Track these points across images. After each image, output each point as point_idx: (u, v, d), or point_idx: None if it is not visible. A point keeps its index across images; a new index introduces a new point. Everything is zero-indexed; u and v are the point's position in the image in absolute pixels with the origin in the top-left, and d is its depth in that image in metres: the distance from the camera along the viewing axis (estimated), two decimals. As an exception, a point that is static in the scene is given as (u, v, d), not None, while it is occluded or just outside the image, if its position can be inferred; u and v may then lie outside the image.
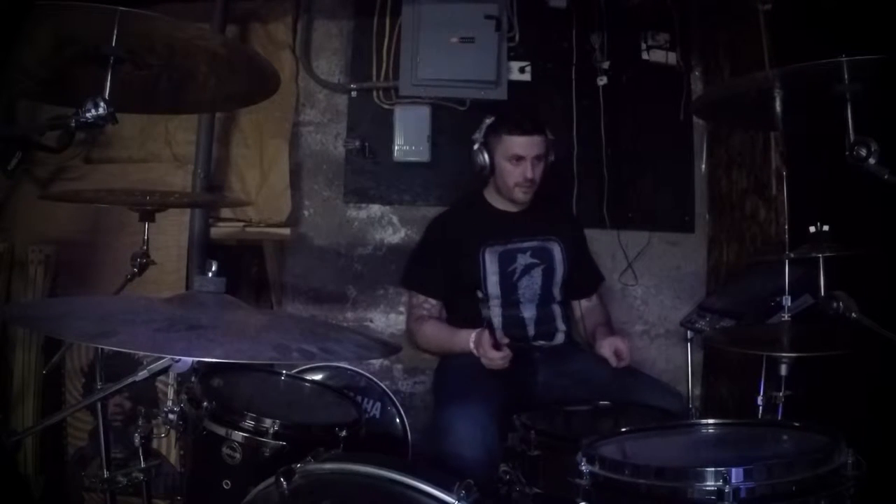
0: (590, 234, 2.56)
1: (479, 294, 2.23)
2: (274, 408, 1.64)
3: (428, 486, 1.17)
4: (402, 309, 2.84)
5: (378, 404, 2.24)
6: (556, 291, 2.29)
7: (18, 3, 1.12)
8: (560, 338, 2.28)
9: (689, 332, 2.40)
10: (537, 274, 2.27)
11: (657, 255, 2.96)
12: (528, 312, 2.25)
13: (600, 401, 1.89)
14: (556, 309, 2.29)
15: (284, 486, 1.17)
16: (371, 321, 2.85)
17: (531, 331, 2.25)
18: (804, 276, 1.93)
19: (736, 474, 1.10)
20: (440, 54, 2.67)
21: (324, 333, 1.24)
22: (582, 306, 2.36)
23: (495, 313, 2.24)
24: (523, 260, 2.25)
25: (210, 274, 1.22)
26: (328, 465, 1.26)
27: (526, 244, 2.27)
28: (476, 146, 2.26)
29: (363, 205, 2.87)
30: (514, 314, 2.24)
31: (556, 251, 2.30)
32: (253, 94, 1.58)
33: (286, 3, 2.78)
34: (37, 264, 2.48)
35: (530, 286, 2.26)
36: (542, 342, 2.25)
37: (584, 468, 1.24)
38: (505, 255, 2.24)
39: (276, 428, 1.51)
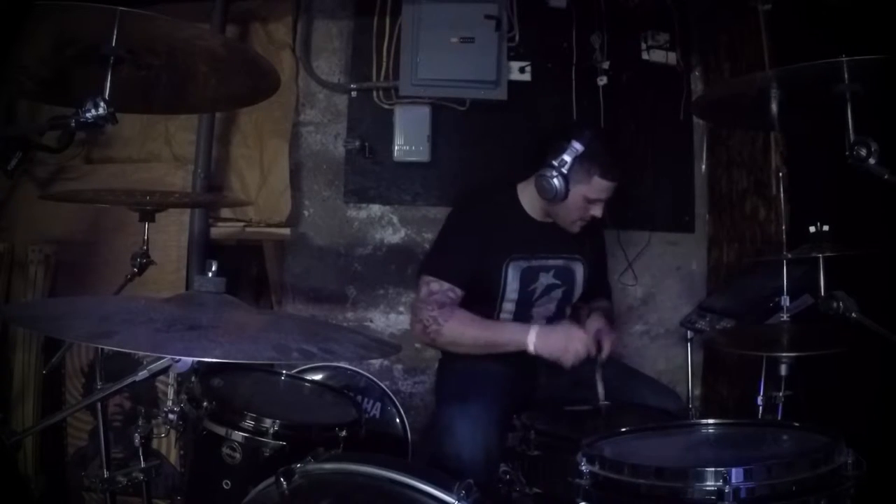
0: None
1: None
2: (274, 408, 1.64)
3: (428, 486, 1.18)
4: (402, 309, 2.84)
5: (378, 404, 2.24)
6: (568, 310, 2.23)
7: (18, 3, 1.12)
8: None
9: (689, 332, 2.40)
10: (556, 296, 2.18)
11: (657, 255, 2.95)
12: None
13: (600, 401, 1.90)
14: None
15: (284, 486, 1.18)
16: (371, 321, 2.85)
17: None
18: (804, 276, 1.93)
19: (736, 474, 1.10)
20: (440, 54, 2.66)
21: (324, 333, 1.24)
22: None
23: None
24: (545, 280, 2.15)
25: (210, 274, 1.22)
26: (328, 465, 1.26)
27: (550, 262, 2.16)
28: (554, 174, 2.00)
29: (363, 205, 2.86)
30: None
31: (579, 272, 2.21)
32: (253, 94, 1.58)
33: (286, 3, 2.78)
34: (37, 264, 2.48)
35: (546, 308, 2.18)
36: None
37: (584, 468, 1.24)
38: (528, 273, 2.13)
39: (276, 428, 1.52)
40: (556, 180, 2.00)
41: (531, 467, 1.60)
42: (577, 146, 2.01)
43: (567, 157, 2.01)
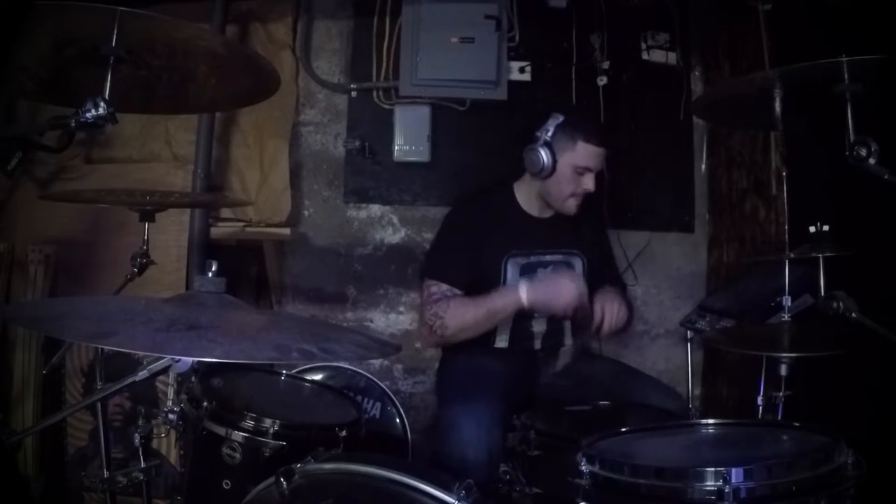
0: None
1: None
2: (274, 408, 1.64)
3: (428, 486, 1.18)
4: (402, 309, 2.84)
5: (378, 404, 2.24)
6: None
7: (18, 3, 1.12)
8: (565, 348, 2.25)
9: (689, 332, 2.40)
10: None
11: (657, 255, 2.95)
12: (539, 327, 2.20)
13: (600, 401, 1.90)
14: (566, 324, 2.24)
15: (284, 486, 1.18)
16: (371, 321, 2.85)
17: (537, 344, 2.21)
18: (804, 276, 1.93)
19: (736, 474, 1.10)
20: (440, 54, 2.66)
21: (324, 333, 1.24)
22: None
23: (505, 325, 2.15)
24: (543, 276, 2.14)
25: (210, 274, 1.22)
26: (328, 465, 1.26)
27: (549, 258, 2.17)
28: (540, 144, 2.06)
29: (363, 205, 2.86)
30: (524, 327, 2.18)
31: (578, 268, 2.21)
32: (253, 94, 1.58)
33: (286, 3, 2.78)
34: (37, 264, 2.48)
35: None
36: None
37: (584, 468, 1.24)
38: (527, 269, 2.15)
39: (276, 428, 1.52)
40: (542, 150, 2.07)
41: (531, 467, 1.60)
42: (558, 115, 2.10)
43: (549, 127, 2.08)
